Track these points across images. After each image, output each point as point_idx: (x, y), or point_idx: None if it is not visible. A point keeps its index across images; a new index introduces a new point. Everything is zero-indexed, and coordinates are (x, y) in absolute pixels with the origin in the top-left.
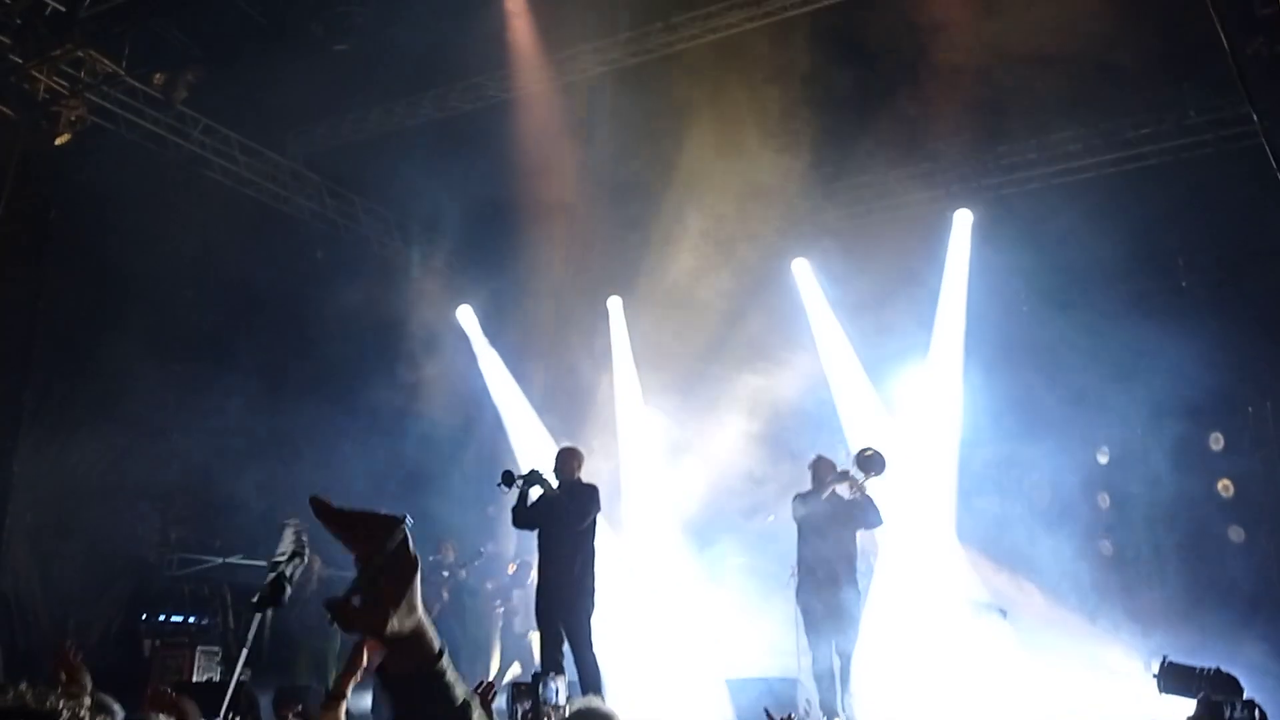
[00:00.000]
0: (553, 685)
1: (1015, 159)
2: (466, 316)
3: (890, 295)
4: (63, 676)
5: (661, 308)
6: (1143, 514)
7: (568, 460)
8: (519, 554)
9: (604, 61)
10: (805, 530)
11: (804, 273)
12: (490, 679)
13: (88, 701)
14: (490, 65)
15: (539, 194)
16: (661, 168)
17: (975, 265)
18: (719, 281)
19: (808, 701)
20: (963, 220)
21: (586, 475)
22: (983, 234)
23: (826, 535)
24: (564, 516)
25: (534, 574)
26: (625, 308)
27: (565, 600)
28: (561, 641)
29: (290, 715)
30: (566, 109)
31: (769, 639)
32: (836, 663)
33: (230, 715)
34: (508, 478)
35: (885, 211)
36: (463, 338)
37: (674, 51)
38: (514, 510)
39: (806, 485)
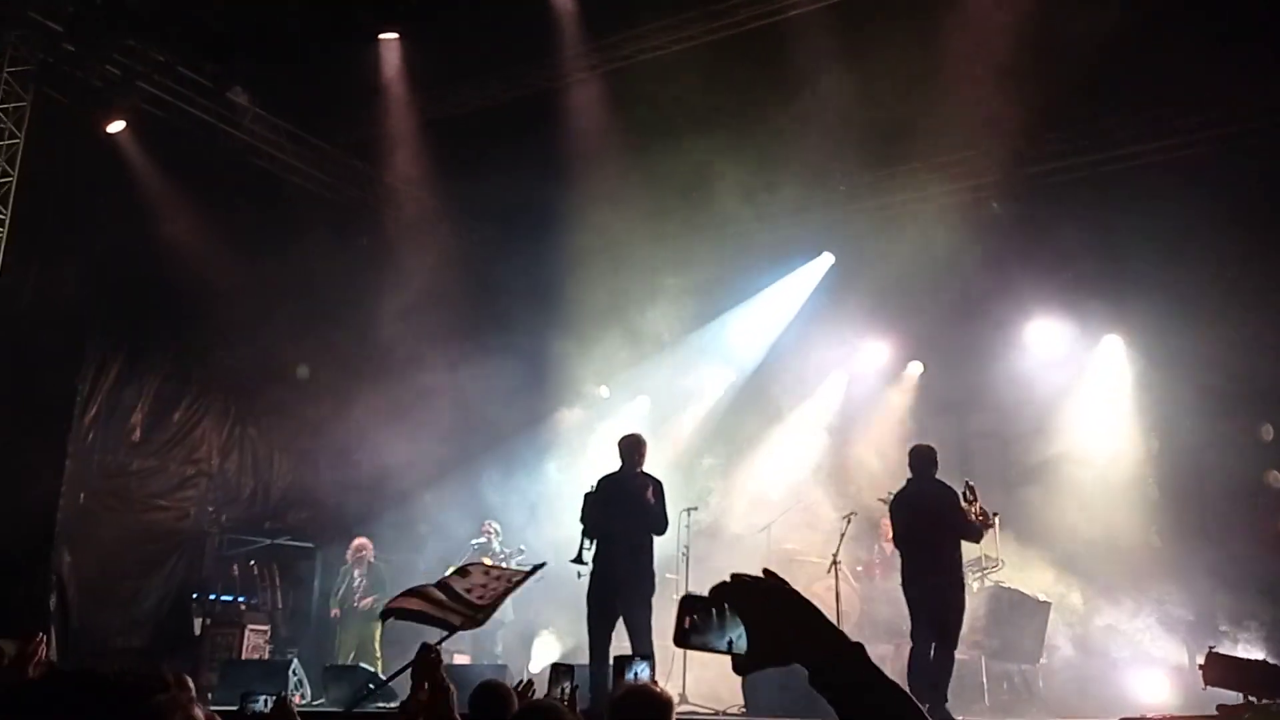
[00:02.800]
0: (638, 666)
1: (1061, 146)
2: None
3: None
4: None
5: None
6: (1192, 505)
7: (633, 449)
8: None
9: (668, 43)
10: None
11: None
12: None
13: None
14: (539, 52)
15: (586, 184)
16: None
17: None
18: None
19: None
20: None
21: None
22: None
23: None
24: (626, 507)
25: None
26: None
27: (625, 589)
28: (613, 628)
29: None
30: (620, 95)
31: None
32: None
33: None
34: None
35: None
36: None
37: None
38: (583, 519)
39: None
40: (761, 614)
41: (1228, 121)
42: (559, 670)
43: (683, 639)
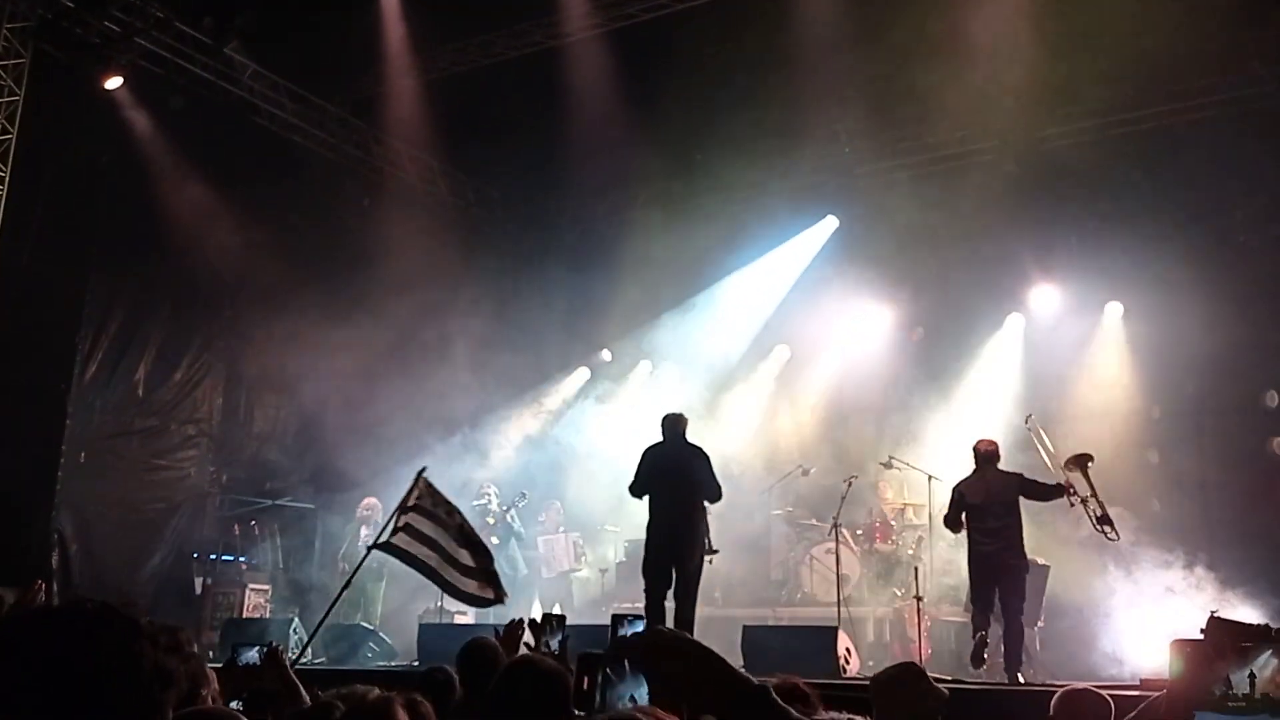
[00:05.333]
0: (634, 625)
1: (1070, 109)
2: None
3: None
4: None
5: None
6: (1193, 471)
7: (675, 424)
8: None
9: (673, 0)
10: None
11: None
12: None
13: None
14: (544, 10)
15: (588, 145)
16: None
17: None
18: None
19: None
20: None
21: None
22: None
23: None
24: (675, 476)
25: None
26: None
27: (679, 551)
28: (669, 588)
29: None
30: (624, 54)
31: None
32: None
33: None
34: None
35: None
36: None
37: None
38: (632, 486)
39: None
40: (673, 670)
41: (1237, 86)
42: (550, 620)
43: (582, 701)
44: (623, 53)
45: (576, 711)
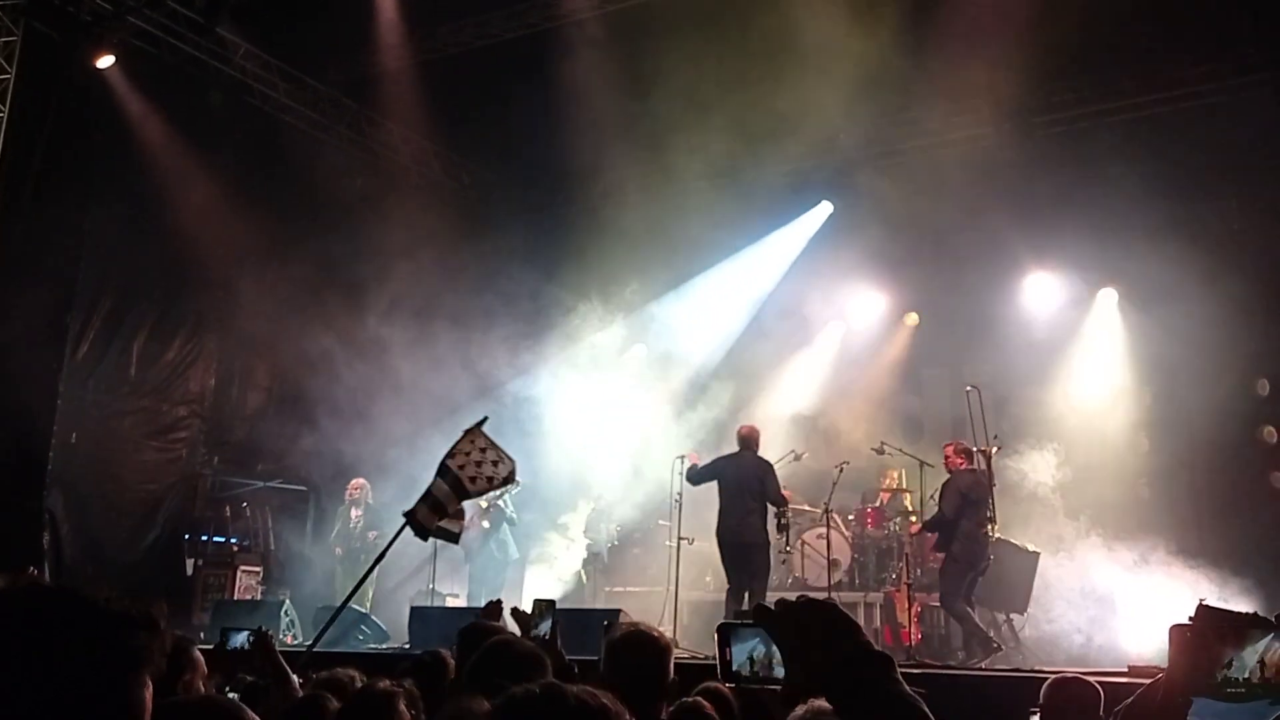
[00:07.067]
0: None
1: (1066, 96)
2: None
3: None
4: None
5: None
6: (1183, 458)
7: (750, 436)
8: None
9: None
10: None
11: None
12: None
13: None
14: None
15: (584, 127)
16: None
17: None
18: None
19: None
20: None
21: None
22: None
23: None
24: (751, 485)
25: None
26: None
27: (753, 553)
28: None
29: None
30: (620, 37)
31: None
32: None
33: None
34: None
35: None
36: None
37: None
38: (688, 475)
39: None
40: (809, 638)
41: (1234, 73)
42: (540, 606)
43: (729, 673)
44: (618, 35)
45: (726, 685)
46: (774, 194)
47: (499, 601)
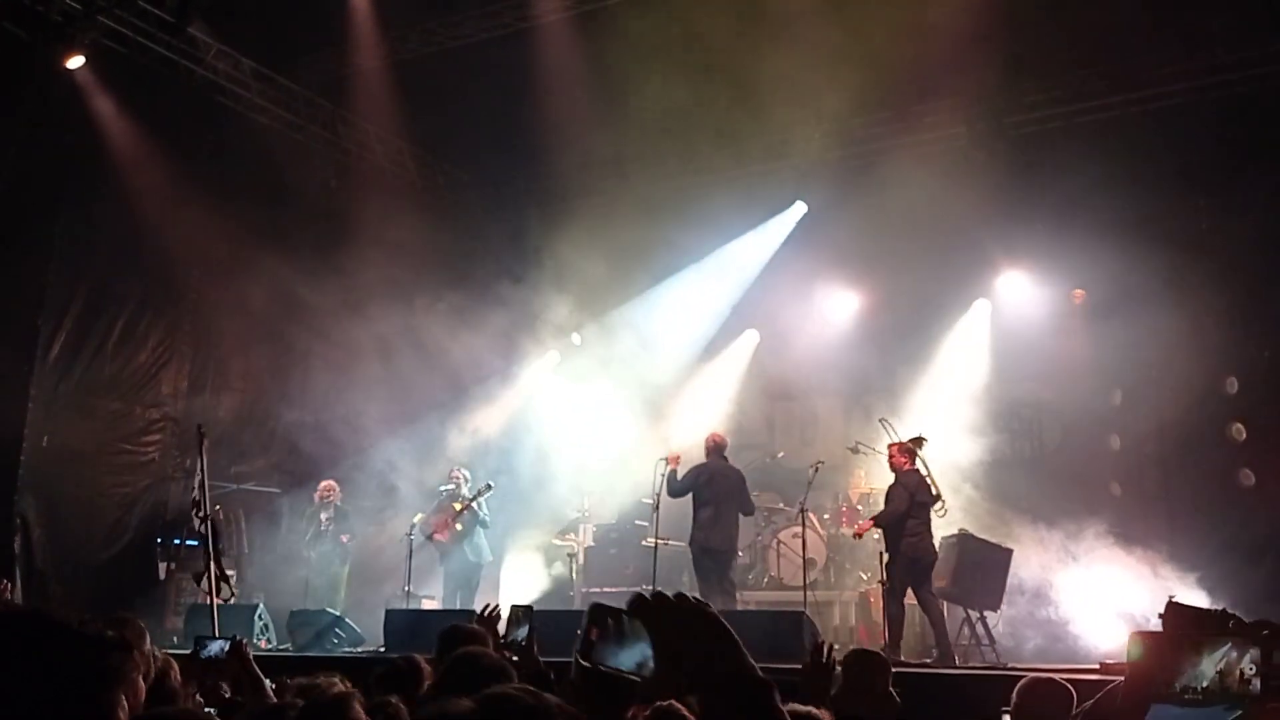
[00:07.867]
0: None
1: (1038, 97)
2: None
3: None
4: None
5: None
6: (1153, 456)
7: (723, 444)
8: None
9: None
10: None
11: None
12: (498, 603)
13: None
14: None
15: (557, 128)
16: None
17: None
18: None
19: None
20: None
21: None
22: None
23: None
24: (727, 492)
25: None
26: None
27: (723, 556)
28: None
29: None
30: (593, 37)
31: None
32: None
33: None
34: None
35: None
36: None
37: None
38: (669, 486)
39: None
40: (679, 636)
41: (1204, 73)
42: (517, 612)
43: (587, 651)
44: (592, 36)
45: (581, 661)
46: (748, 194)
47: (495, 607)
